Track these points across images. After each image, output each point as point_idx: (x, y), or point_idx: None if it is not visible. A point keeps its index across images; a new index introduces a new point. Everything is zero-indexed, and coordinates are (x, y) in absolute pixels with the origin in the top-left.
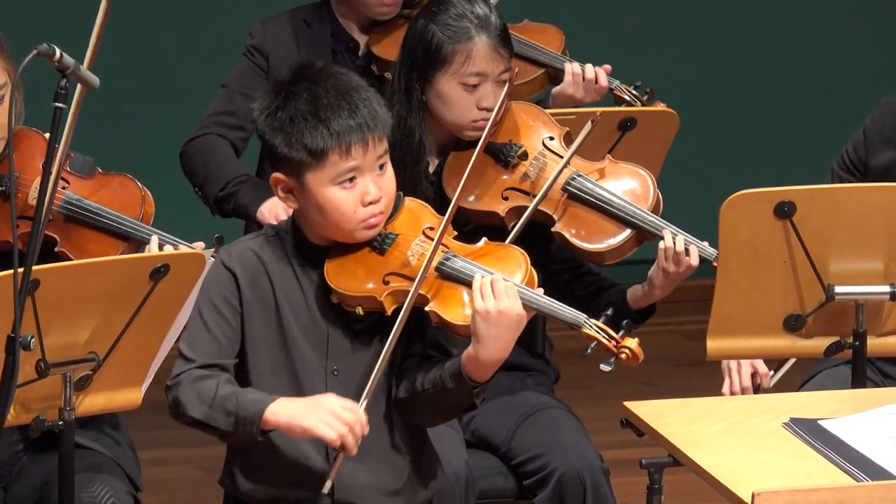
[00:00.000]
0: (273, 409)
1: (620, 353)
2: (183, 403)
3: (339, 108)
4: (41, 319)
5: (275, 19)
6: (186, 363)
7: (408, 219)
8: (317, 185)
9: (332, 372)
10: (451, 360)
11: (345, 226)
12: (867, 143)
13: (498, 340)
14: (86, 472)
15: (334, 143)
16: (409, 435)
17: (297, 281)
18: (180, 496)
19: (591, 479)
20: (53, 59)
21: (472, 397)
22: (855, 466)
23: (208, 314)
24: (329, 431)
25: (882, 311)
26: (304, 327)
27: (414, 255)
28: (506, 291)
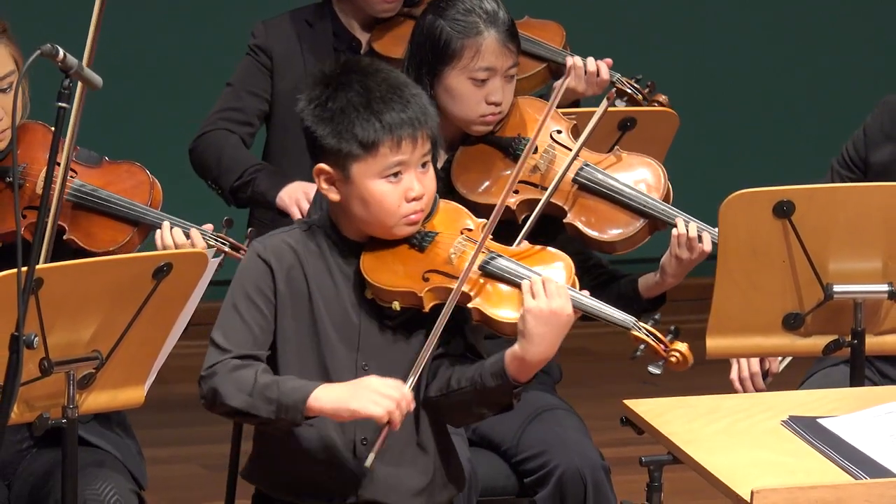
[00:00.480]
0: (317, 395)
1: (670, 356)
2: (221, 393)
3: (392, 101)
4: (45, 318)
5: (276, 19)
6: (221, 353)
7: (445, 218)
8: (363, 177)
9: (362, 367)
10: (490, 359)
11: (386, 220)
12: (867, 141)
13: (546, 339)
14: (90, 469)
15: (385, 136)
16: (435, 435)
17: (330, 275)
18: (183, 494)
19: (592, 476)
20: (57, 60)
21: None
22: (853, 464)
23: (243, 305)
24: (376, 408)
25: (880, 309)
26: (337, 322)
27: (455, 254)
28: (557, 292)
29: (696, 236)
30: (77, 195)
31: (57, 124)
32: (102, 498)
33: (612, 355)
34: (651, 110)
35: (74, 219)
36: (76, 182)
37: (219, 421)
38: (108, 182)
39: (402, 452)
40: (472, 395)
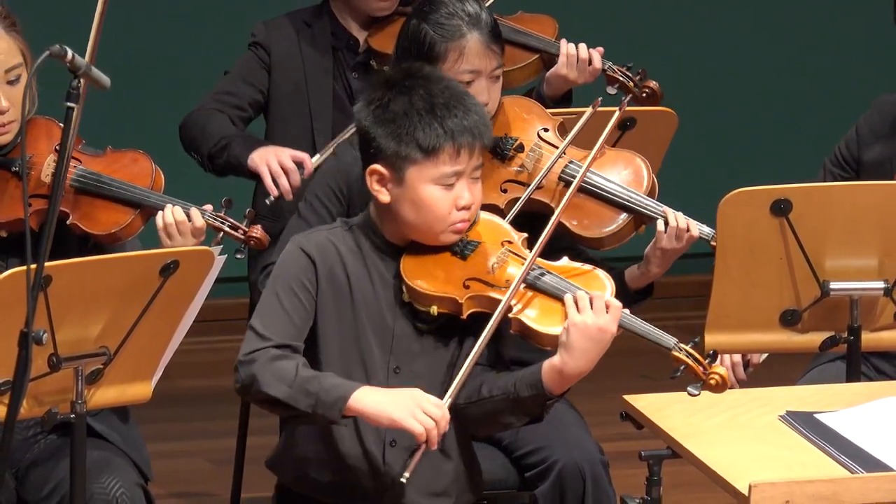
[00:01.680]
0: (357, 397)
1: (710, 378)
2: (259, 381)
3: (455, 108)
4: (53, 315)
5: (276, 20)
6: (261, 341)
7: (486, 229)
8: (418, 181)
9: (394, 369)
10: (526, 370)
11: (435, 226)
12: (860, 140)
13: (587, 354)
14: (97, 463)
15: (446, 142)
16: (459, 442)
17: (368, 276)
18: (189, 488)
19: (591, 471)
20: (65, 60)
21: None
22: (850, 458)
23: (285, 295)
24: (416, 425)
25: (876, 306)
26: (373, 322)
27: (497, 264)
28: (603, 309)
29: (686, 226)
30: (80, 180)
31: (66, 124)
32: (109, 491)
33: (612, 351)
34: (650, 110)
35: (77, 203)
36: (79, 168)
37: (224, 416)
38: (111, 168)
39: (425, 457)
40: (503, 403)
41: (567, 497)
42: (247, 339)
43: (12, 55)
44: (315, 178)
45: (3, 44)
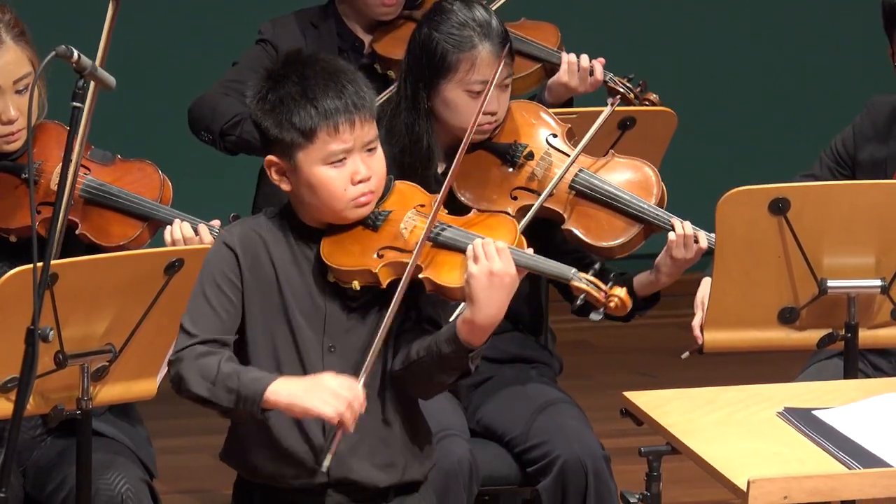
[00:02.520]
0: (273, 389)
1: (609, 301)
2: (185, 379)
3: (327, 87)
4: (59, 312)
5: (283, 19)
6: (189, 338)
7: (399, 198)
8: (307, 164)
9: (328, 349)
10: (445, 327)
11: (335, 205)
12: (855, 139)
13: (492, 302)
14: (102, 459)
15: (322, 122)
16: (402, 410)
17: (295, 261)
18: (194, 483)
19: (593, 465)
20: (71, 61)
21: (468, 361)
22: (847, 455)
23: (210, 291)
24: (328, 409)
25: (873, 303)
26: (302, 306)
27: (406, 229)
28: (498, 254)
29: (693, 234)
30: (89, 191)
31: (72, 123)
32: (114, 488)
33: (612, 348)
34: (650, 110)
35: (86, 214)
36: (88, 178)
37: None
38: (119, 179)
39: (366, 428)
40: (430, 363)
41: (569, 492)
42: (178, 337)
43: (21, 65)
44: None
45: (11, 54)
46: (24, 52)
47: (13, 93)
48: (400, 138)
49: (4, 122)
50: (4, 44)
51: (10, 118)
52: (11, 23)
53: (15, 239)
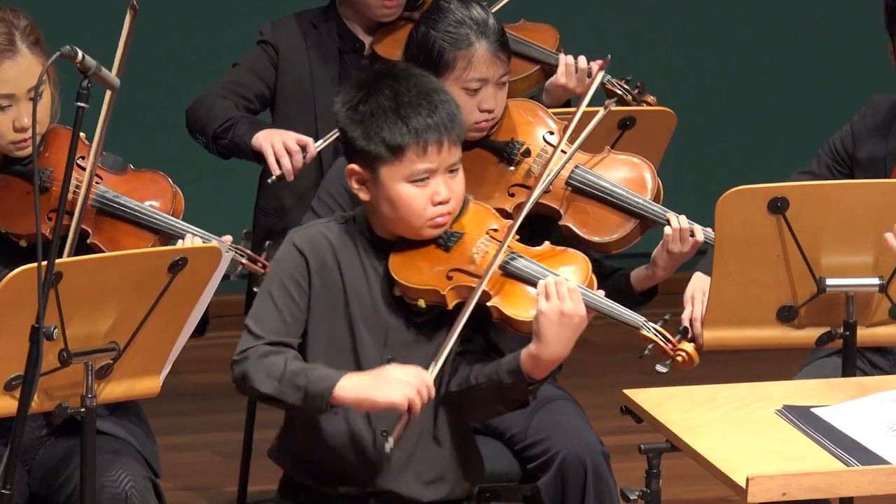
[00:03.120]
0: (342, 385)
1: (677, 355)
2: (251, 378)
3: (420, 106)
4: (64, 310)
5: (284, 20)
6: (254, 339)
7: (473, 219)
8: (390, 179)
9: (387, 360)
10: (508, 357)
11: (413, 222)
12: (854, 138)
13: (560, 340)
14: (106, 456)
15: (412, 140)
16: (452, 430)
17: (363, 271)
18: (197, 480)
19: (593, 462)
20: (75, 61)
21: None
22: (846, 452)
23: (277, 293)
24: (398, 396)
25: (871, 302)
26: (366, 315)
27: (478, 253)
28: (570, 294)
29: (689, 228)
30: (102, 202)
31: (76, 123)
32: (118, 485)
33: (612, 346)
34: (649, 110)
35: (98, 224)
36: (101, 188)
37: (232, 409)
38: (132, 190)
39: (417, 444)
40: (489, 391)
41: (569, 488)
42: (242, 337)
43: (34, 74)
44: (328, 175)
45: (25, 62)
46: (39, 60)
47: (27, 100)
48: None
49: (17, 130)
50: (20, 53)
51: (23, 125)
52: (27, 30)
53: (25, 244)
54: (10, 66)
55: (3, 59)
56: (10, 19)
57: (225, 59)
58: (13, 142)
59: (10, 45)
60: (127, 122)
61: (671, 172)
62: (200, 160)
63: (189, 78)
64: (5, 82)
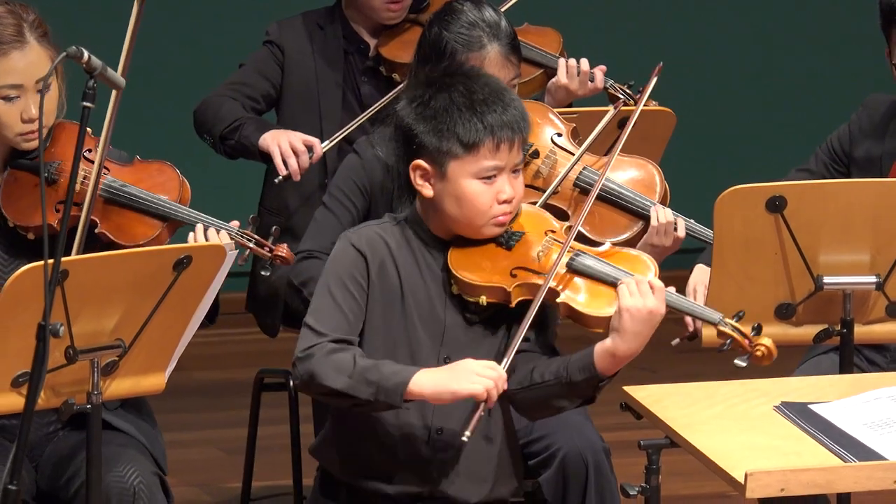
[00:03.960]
0: (417, 380)
1: (756, 350)
2: (319, 374)
3: (494, 104)
4: (70, 308)
5: (290, 20)
6: (318, 337)
7: (529, 220)
8: (459, 175)
9: (443, 359)
10: (577, 354)
11: (477, 219)
12: (851, 137)
13: (639, 337)
14: (115, 453)
15: (486, 137)
16: (502, 430)
17: (418, 269)
18: (202, 476)
19: (594, 458)
20: (81, 61)
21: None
22: (843, 448)
23: (338, 291)
24: (476, 386)
25: (868, 300)
26: (423, 314)
27: (542, 252)
28: (650, 292)
29: (672, 222)
30: (109, 191)
31: (82, 122)
32: (126, 480)
33: None
34: (649, 110)
35: (106, 213)
36: (108, 178)
37: (236, 406)
38: (139, 179)
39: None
40: (556, 388)
41: (570, 484)
42: (302, 336)
43: (44, 65)
44: (338, 173)
45: (34, 54)
46: (47, 53)
47: (35, 92)
48: None
49: (25, 121)
50: (28, 44)
51: (31, 116)
52: (35, 23)
53: (33, 236)
54: (19, 57)
55: (11, 50)
56: (18, 12)
57: (230, 55)
58: (20, 133)
59: (18, 37)
60: (133, 119)
61: (671, 171)
62: (205, 157)
63: (195, 74)
64: (14, 73)
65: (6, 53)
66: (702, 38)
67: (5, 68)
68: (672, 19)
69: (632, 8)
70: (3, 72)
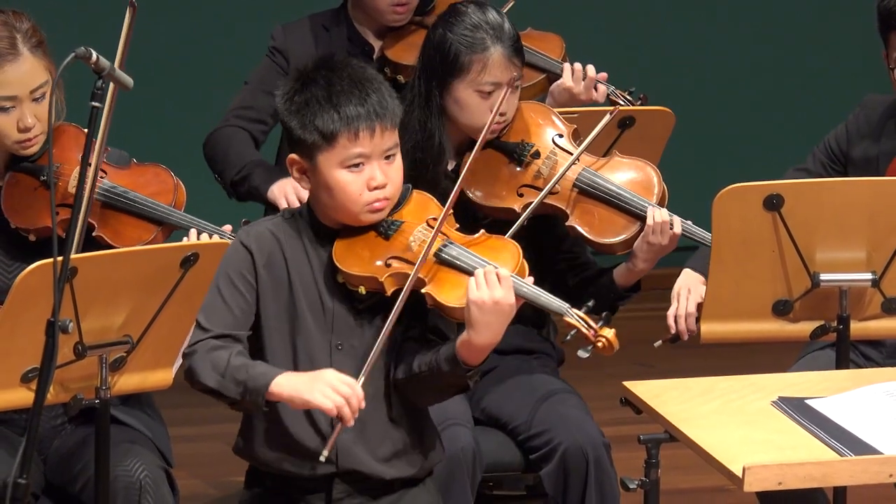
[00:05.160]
0: (278, 382)
1: (597, 341)
2: (196, 371)
3: (351, 94)
4: (79, 305)
5: (295, 24)
6: (202, 333)
7: (414, 209)
8: (326, 166)
9: (336, 346)
10: (446, 345)
11: (350, 207)
12: (848, 137)
13: (491, 327)
14: (121, 446)
15: (343, 128)
16: (408, 410)
17: (307, 260)
18: (208, 470)
19: (594, 452)
20: (90, 62)
21: (466, 380)
22: (839, 442)
23: (225, 288)
24: (327, 402)
25: (864, 296)
26: (312, 304)
27: (415, 241)
28: (500, 282)
29: (669, 221)
30: (106, 195)
31: (90, 123)
32: (133, 474)
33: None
34: (649, 109)
35: (103, 217)
36: (105, 183)
37: None
38: (135, 183)
39: (374, 426)
40: (430, 378)
41: (570, 478)
42: (192, 331)
43: (37, 75)
44: None
45: (27, 64)
46: (41, 62)
47: (30, 101)
48: (413, 134)
49: (21, 130)
50: (22, 55)
51: (26, 125)
52: (29, 33)
53: (34, 238)
54: (12, 69)
55: (4, 63)
56: (11, 23)
57: (231, 56)
58: (18, 141)
59: (11, 49)
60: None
61: (670, 171)
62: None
63: (195, 75)
64: (8, 85)
65: (0, 67)
66: (702, 38)
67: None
68: (672, 19)
69: (632, 8)
70: None
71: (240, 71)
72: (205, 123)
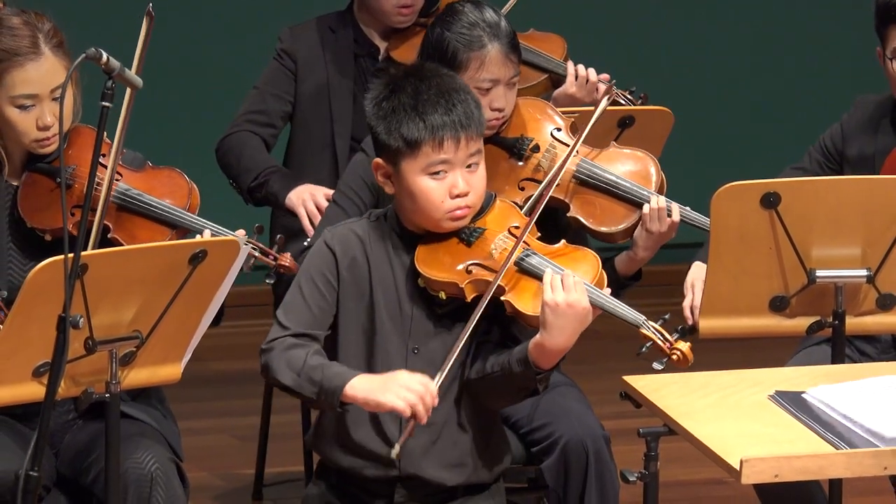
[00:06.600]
0: (353, 384)
1: (672, 354)
2: (273, 368)
3: (437, 104)
4: (89, 301)
5: (302, 26)
6: (281, 330)
7: (496, 216)
8: (410, 173)
9: (412, 350)
10: (518, 347)
11: (432, 214)
12: (844, 136)
13: (564, 331)
14: (132, 439)
15: (428, 136)
16: (477, 417)
17: (389, 263)
18: (217, 462)
19: (594, 445)
20: (100, 62)
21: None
22: (835, 435)
23: (306, 287)
24: (400, 402)
25: (859, 292)
26: (391, 307)
27: (497, 249)
28: (574, 286)
29: (667, 208)
30: (122, 198)
31: (100, 122)
32: (144, 466)
33: (612, 334)
34: (648, 109)
35: (118, 220)
36: (121, 185)
37: (250, 395)
38: (150, 186)
39: (441, 430)
40: (501, 379)
41: (571, 470)
42: (272, 328)
43: (58, 74)
44: (347, 170)
45: (49, 64)
46: (62, 62)
47: (50, 100)
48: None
49: (41, 128)
50: (43, 54)
51: (46, 124)
52: (51, 33)
53: (50, 238)
54: (34, 68)
55: (26, 62)
56: (34, 23)
57: (239, 58)
58: (36, 140)
59: (34, 48)
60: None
61: (669, 170)
62: (213, 162)
63: (208, 78)
64: (29, 83)
65: (22, 65)
66: (702, 38)
67: (21, 79)
68: (672, 19)
69: (632, 8)
70: (19, 82)
71: (248, 72)
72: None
